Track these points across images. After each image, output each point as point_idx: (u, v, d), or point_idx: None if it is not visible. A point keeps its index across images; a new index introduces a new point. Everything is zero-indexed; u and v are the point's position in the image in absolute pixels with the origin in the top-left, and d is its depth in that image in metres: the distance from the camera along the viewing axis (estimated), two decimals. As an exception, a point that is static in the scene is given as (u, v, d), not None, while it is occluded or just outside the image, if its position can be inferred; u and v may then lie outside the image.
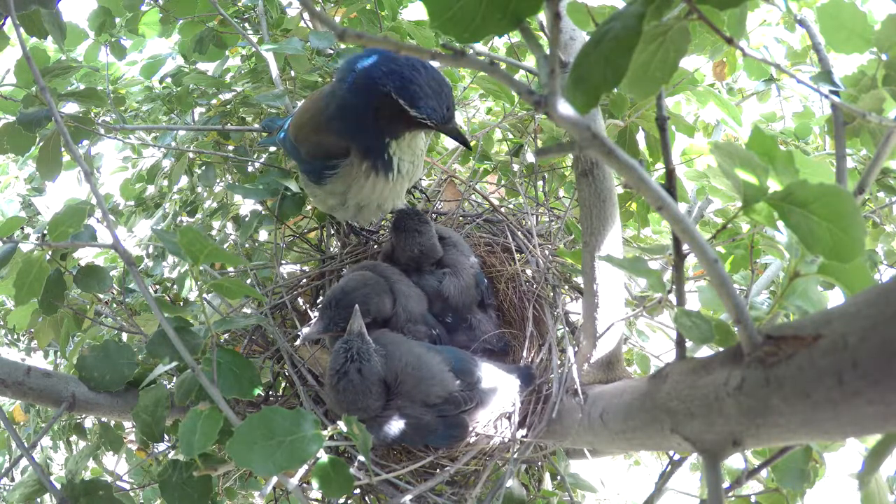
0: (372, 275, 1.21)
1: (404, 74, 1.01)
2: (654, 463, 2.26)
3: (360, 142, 1.12)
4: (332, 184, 1.19)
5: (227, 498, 1.37)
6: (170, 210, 2.07)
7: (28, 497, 1.02)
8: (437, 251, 1.27)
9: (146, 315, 1.58)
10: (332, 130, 1.13)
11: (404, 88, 1.02)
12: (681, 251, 0.66)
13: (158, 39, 2.00)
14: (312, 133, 1.17)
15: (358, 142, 1.12)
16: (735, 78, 2.23)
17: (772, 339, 0.51)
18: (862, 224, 0.52)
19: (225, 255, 0.88)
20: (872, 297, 0.44)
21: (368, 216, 1.28)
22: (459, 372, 1.06)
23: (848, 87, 0.94)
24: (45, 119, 1.19)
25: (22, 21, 1.16)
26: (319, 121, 1.15)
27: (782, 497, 0.97)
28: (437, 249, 1.27)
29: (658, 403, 0.67)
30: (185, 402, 0.93)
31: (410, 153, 1.16)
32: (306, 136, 1.19)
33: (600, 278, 0.99)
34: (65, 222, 1.02)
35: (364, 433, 0.83)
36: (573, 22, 1.08)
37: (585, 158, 1.00)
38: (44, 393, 1.10)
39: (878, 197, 1.58)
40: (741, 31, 0.79)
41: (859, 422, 0.45)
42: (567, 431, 1.02)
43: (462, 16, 0.48)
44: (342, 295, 1.13)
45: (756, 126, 0.62)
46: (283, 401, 1.26)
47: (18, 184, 2.74)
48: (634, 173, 0.47)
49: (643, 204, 1.49)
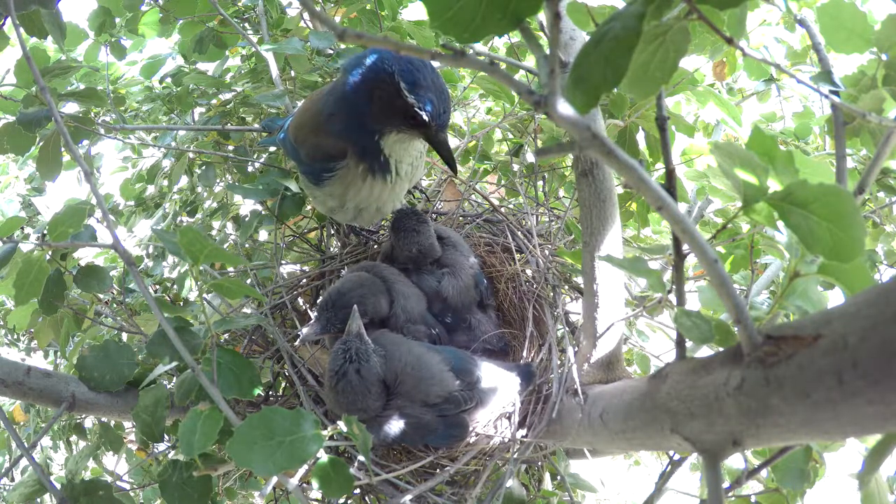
0: (368, 275, 1.21)
1: (413, 62, 1.00)
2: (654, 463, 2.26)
3: (356, 144, 1.11)
4: (330, 186, 1.18)
5: (227, 498, 1.38)
6: (170, 210, 2.07)
7: (28, 497, 1.02)
8: (435, 250, 1.27)
9: (146, 315, 1.58)
10: (331, 132, 1.12)
11: (408, 73, 1.00)
12: (681, 251, 0.66)
13: (158, 39, 2.00)
14: (311, 134, 1.16)
15: (355, 144, 1.11)
16: (735, 78, 2.23)
17: (772, 339, 0.51)
18: (862, 224, 0.52)
19: (225, 255, 0.88)
20: (872, 297, 0.44)
21: (368, 218, 1.27)
22: (459, 371, 1.06)
23: (848, 87, 0.94)
24: (45, 119, 1.19)
25: (22, 21, 1.16)
26: (318, 121, 1.14)
27: (782, 497, 0.97)
28: (436, 249, 1.27)
29: (658, 403, 0.67)
30: (185, 402, 0.93)
31: (409, 155, 1.15)
32: (305, 136, 1.18)
33: (600, 278, 0.99)
34: (65, 222, 1.02)
35: (364, 433, 0.83)
36: (573, 22, 1.08)
37: (585, 158, 1.00)
38: (44, 393, 1.10)
39: (878, 197, 1.58)
40: (741, 31, 0.79)
41: (859, 422, 0.45)
42: (567, 431, 1.02)
43: (462, 16, 0.48)
44: (338, 296, 1.13)
45: (756, 126, 0.62)
46: (283, 401, 1.26)
47: (18, 184, 2.74)
48: (634, 173, 0.47)
49: (643, 204, 1.49)
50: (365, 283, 1.17)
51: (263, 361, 1.29)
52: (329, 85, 1.21)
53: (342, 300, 1.12)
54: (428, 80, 1.00)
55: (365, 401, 1.01)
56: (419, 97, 1.00)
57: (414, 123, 1.03)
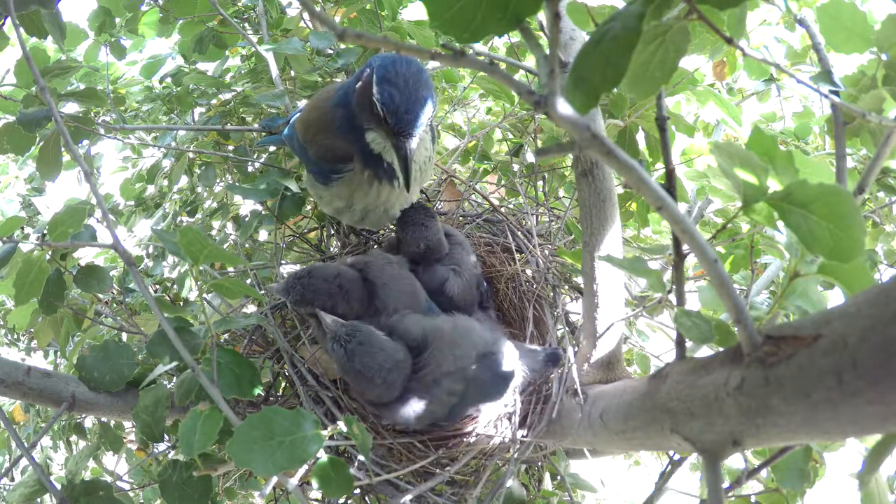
0: (354, 274, 1.16)
1: (397, 61, 0.97)
2: (654, 463, 2.26)
3: (361, 148, 1.09)
4: (338, 187, 1.17)
5: (227, 498, 1.38)
6: (170, 210, 2.07)
7: (28, 497, 1.02)
8: (443, 246, 1.25)
9: (146, 315, 1.58)
10: (339, 134, 1.10)
11: (383, 67, 0.96)
12: (681, 251, 0.66)
13: (158, 39, 2.00)
14: (320, 134, 1.15)
15: (360, 148, 1.10)
16: (735, 78, 2.23)
17: (772, 339, 0.51)
18: (862, 224, 0.52)
19: (225, 255, 0.88)
20: (872, 297, 0.44)
21: (375, 219, 1.26)
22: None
23: (848, 87, 0.94)
24: (45, 119, 1.19)
25: (22, 21, 1.16)
26: (327, 121, 1.13)
27: (782, 497, 0.97)
28: (444, 245, 1.26)
29: (658, 403, 0.67)
30: (185, 402, 0.93)
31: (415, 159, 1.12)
32: (314, 136, 1.16)
33: (600, 278, 0.99)
34: (65, 222, 1.02)
35: (364, 433, 0.83)
36: (573, 22, 1.08)
37: (585, 158, 1.00)
38: (44, 393, 1.10)
39: (878, 197, 1.58)
40: (741, 30, 0.79)
41: (859, 422, 0.45)
42: (567, 431, 1.02)
43: (462, 16, 0.48)
44: (310, 278, 1.10)
45: (756, 126, 0.62)
46: (283, 401, 1.26)
47: (18, 184, 2.74)
48: (634, 173, 0.47)
49: (643, 204, 1.49)
50: (344, 283, 1.13)
51: (263, 361, 1.29)
52: (340, 83, 1.19)
53: (313, 283, 1.09)
54: (399, 79, 0.95)
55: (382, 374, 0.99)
56: (381, 90, 0.96)
57: (379, 121, 1.00)
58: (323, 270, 1.12)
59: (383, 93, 0.96)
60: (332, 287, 1.10)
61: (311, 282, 1.10)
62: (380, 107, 0.96)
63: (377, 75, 0.97)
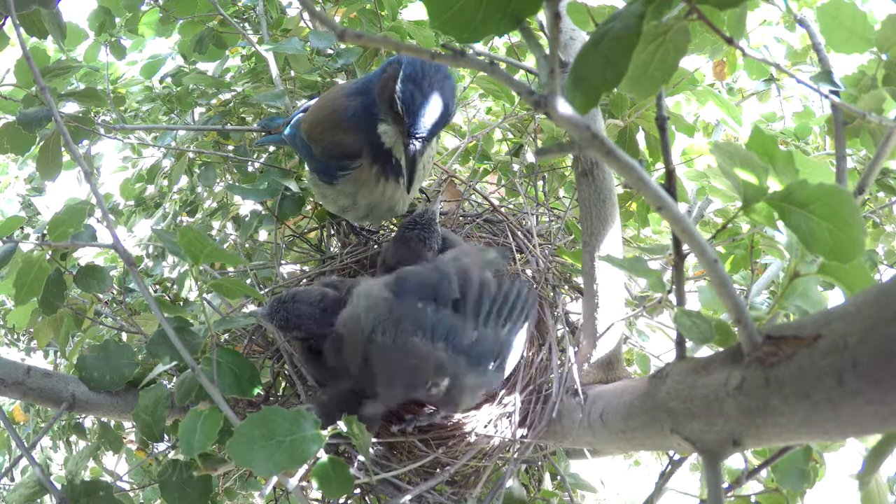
0: (335, 295, 1.12)
1: (427, 67, 0.97)
2: (654, 463, 2.26)
3: (371, 140, 1.10)
4: (343, 184, 1.17)
5: (227, 498, 1.37)
6: (170, 210, 2.07)
7: (28, 497, 1.02)
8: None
9: (146, 315, 1.58)
10: (350, 125, 1.11)
11: (413, 67, 0.96)
12: (681, 251, 0.66)
13: (158, 39, 2.00)
14: (328, 131, 1.15)
15: (370, 140, 1.10)
16: (735, 78, 2.23)
17: (772, 339, 0.51)
18: (862, 224, 0.52)
19: (225, 255, 0.88)
20: (872, 297, 0.44)
21: (379, 216, 1.26)
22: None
23: (848, 87, 0.94)
24: (45, 119, 1.19)
25: (22, 21, 1.16)
26: (338, 114, 1.13)
27: (782, 497, 0.97)
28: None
29: (658, 403, 0.67)
30: (185, 402, 0.93)
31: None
32: (322, 134, 1.16)
33: (600, 278, 0.99)
34: (65, 222, 1.02)
35: (364, 433, 0.83)
36: (573, 22, 1.08)
37: (585, 158, 1.00)
38: (44, 393, 1.10)
39: (878, 197, 1.58)
40: (741, 30, 0.79)
41: (859, 422, 0.45)
42: (567, 431, 1.02)
43: (462, 16, 0.48)
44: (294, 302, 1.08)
45: (756, 126, 0.62)
46: (283, 401, 1.26)
47: (18, 184, 2.74)
48: (634, 173, 0.47)
49: (643, 204, 1.49)
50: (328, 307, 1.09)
51: (263, 361, 1.29)
52: (354, 83, 1.19)
53: (297, 307, 1.07)
54: (425, 81, 0.96)
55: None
56: (405, 88, 0.96)
57: (396, 117, 1.00)
58: (307, 294, 1.10)
59: (406, 91, 0.96)
60: (315, 311, 1.08)
61: (296, 306, 1.07)
62: (400, 104, 0.96)
63: (404, 72, 0.97)
